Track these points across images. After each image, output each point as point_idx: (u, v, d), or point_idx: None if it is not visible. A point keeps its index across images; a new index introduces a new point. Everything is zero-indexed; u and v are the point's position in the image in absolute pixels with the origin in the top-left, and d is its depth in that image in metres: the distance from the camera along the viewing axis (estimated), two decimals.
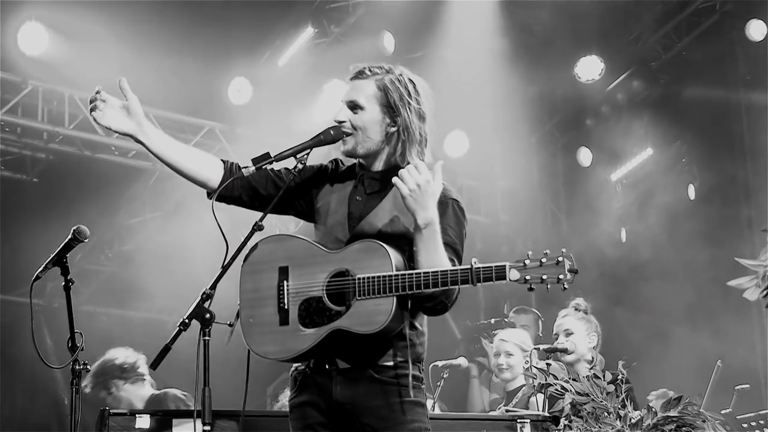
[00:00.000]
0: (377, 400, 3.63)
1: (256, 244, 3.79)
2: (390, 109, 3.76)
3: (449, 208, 3.73)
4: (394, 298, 3.52)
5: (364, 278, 3.56)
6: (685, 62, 10.65)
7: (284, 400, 6.56)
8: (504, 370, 6.76)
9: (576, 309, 6.11)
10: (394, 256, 3.57)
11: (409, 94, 3.76)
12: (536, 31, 10.73)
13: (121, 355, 6.50)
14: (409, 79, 3.81)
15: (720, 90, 10.44)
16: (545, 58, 10.72)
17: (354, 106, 3.79)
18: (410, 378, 3.66)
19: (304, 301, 3.66)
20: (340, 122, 3.80)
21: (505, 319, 9.24)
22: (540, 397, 5.80)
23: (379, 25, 10.05)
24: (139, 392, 6.41)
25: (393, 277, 3.51)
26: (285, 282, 3.71)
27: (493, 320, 9.41)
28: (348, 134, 3.80)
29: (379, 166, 3.82)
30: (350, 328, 3.57)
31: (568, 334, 6.03)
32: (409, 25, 10.04)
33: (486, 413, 7.21)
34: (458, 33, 10.18)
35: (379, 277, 3.54)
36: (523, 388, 6.59)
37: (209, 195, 3.88)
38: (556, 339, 6.08)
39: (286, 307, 3.69)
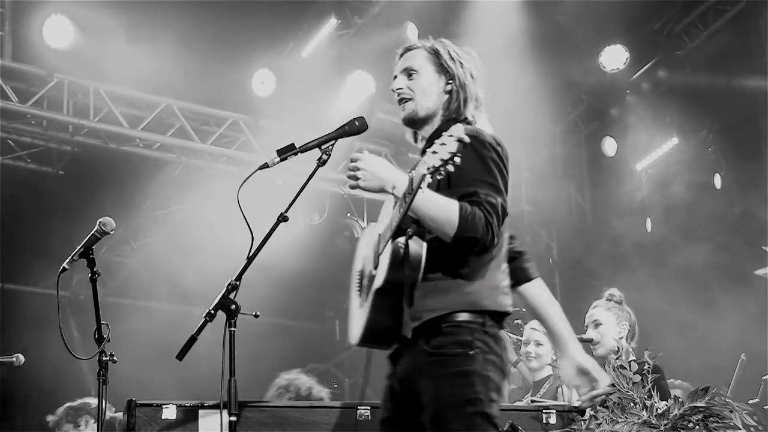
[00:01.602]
0: (425, 374, 3.48)
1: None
2: (443, 69, 3.79)
3: (463, 154, 3.30)
4: (389, 240, 3.46)
5: (380, 234, 3.59)
6: (710, 51, 10.58)
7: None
8: (532, 359, 6.72)
9: (608, 299, 6.04)
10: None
11: (458, 55, 3.81)
12: (560, 21, 10.68)
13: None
14: (454, 48, 3.86)
15: (746, 78, 10.36)
16: (569, 47, 10.68)
17: (409, 73, 3.81)
18: (457, 345, 3.45)
19: (368, 278, 3.67)
20: (398, 89, 3.80)
21: (523, 309, 9.20)
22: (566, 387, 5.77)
23: (402, 16, 10.04)
24: None
25: (391, 224, 3.48)
26: (362, 266, 3.80)
27: (511, 310, 9.37)
28: (406, 99, 3.78)
29: (431, 130, 3.79)
30: (377, 286, 3.50)
31: (597, 325, 5.94)
32: (432, 15, 10.02)
33: (510, 403, 7.20)
34: (481, 23, 10.15)
35: (386, 227, 3.54)
36: (551, 378, 6.57)
37: None
38: (586, 330, 6.01)
39: (359, 289, 3.76)
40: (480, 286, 3.53)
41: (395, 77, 3.85)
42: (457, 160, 3.13)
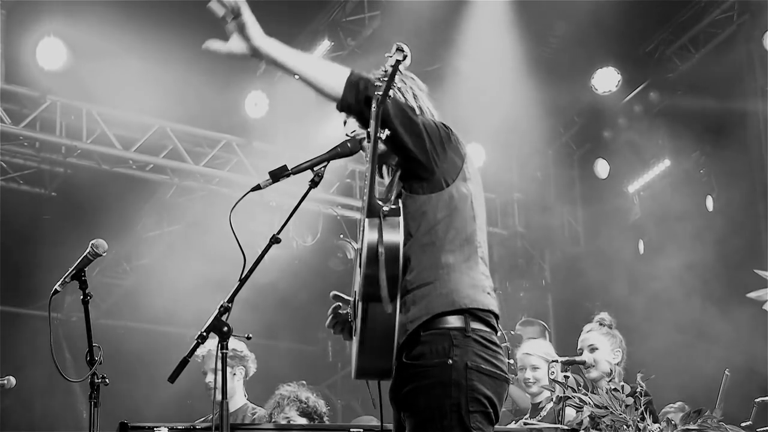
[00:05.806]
0: (405, 386, 3.35)
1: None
2: None
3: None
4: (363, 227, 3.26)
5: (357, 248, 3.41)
6: (702, 73, 10.62)
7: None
8: (531, 384, 6.60)
9: (600, 324, 6.02)
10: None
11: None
12: (553, 43, 10.73)
13: None
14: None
15: (738, 101, 10.39)
16: (562, 70, 10.72)
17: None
18: (435, 355, 3.30)
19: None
20: (353, 132, 3.74)
21: (512, 332, 9.19)
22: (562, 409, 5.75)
23: (395, 38, 10.01)
24: None
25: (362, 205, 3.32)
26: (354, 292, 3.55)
27: (499, 333, 9.35)
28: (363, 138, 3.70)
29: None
30: (358, 289, 3.31)
31: (593, 349, 5.92)
32: (426, 37, 10.05)
33: (503, 426, 7.16)
34: (474, 45, 10.19)
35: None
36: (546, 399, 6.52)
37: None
38: (581, 354, 5.98)
39: (351, 318, 3.56)
40: (458, 284, 3.38)
41: (345, 121, 3.76)
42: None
